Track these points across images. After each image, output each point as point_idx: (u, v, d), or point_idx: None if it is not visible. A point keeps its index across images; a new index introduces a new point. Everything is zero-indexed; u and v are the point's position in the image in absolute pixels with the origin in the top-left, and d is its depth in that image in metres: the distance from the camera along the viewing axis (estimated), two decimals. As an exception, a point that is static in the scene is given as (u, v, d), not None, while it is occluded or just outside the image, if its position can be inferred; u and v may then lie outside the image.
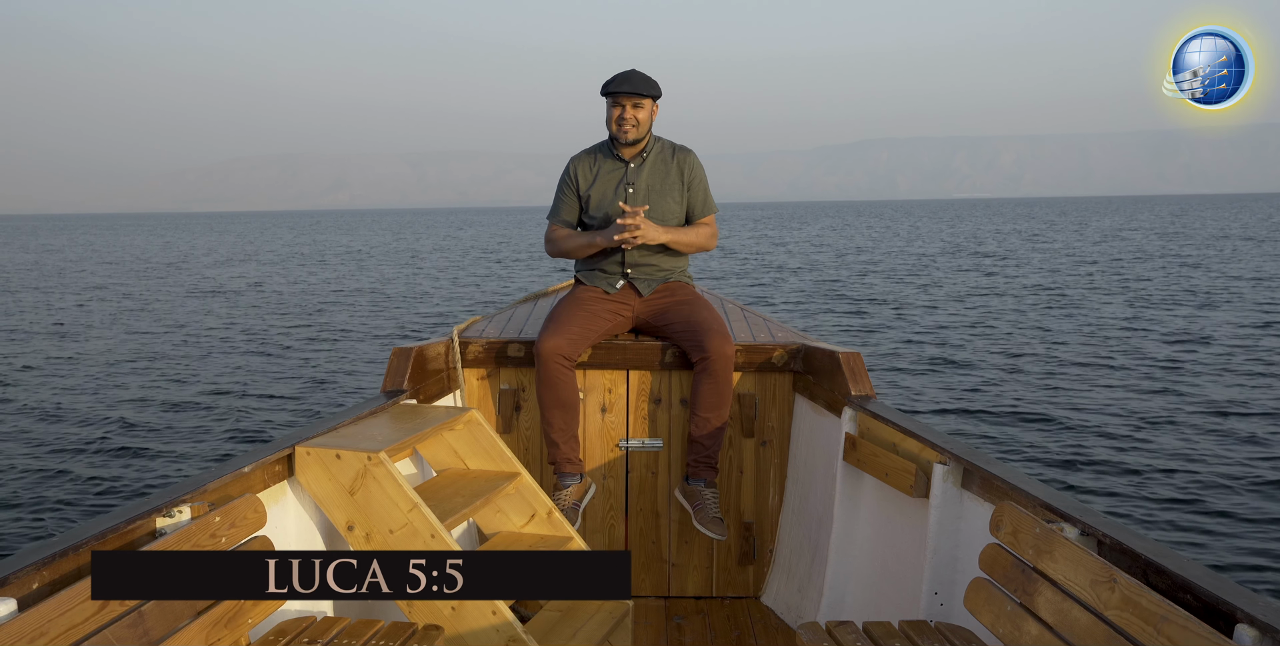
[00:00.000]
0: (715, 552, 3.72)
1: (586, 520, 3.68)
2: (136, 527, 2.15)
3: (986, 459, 2.59)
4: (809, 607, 3.34)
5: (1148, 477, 7.37)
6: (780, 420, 3.69)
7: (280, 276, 29.94)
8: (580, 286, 3.67)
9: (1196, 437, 8.45)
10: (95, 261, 40.65)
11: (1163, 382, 10.82)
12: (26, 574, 1.84)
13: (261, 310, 20.27)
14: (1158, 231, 51.11)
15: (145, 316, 19.51)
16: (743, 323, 4.01)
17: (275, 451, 2.65)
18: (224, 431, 9.40)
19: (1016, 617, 2.11)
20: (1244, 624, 1.62)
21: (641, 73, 3.49)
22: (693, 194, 3.62)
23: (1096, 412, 9.43)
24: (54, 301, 23.01)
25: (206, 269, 34.34)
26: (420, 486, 3.01)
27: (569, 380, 3.44)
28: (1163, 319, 16.18)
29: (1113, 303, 18.58)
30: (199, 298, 23.39)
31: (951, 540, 2.65)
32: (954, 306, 18.46)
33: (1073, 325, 15.61)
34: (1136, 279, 23.57)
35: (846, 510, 3.21)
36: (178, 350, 14.80)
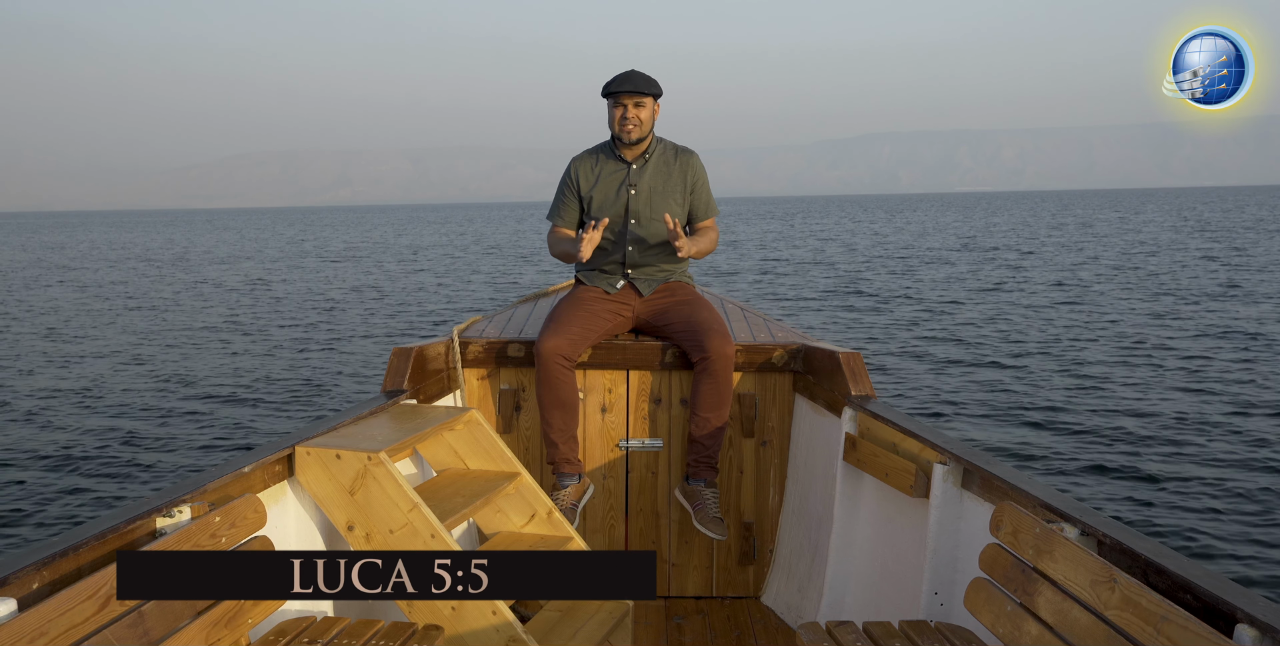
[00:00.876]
0: (715, 552, 3.72)
1: (587, 520, 3.68)
2: (136, 527, 2.15)
3: (987, 459, 2.59)
4: (809, 607, 3.34)
5: (1148, 478, 7.37)
6: (780, 420, 3.69)
7: (280, 275, 29.95)
8: (580, 286, 3.67)
9: (1202, 438, 8.45)
10: (96, 259, 40.67)
11: (1178, 382, 10.83)
12: (26, 574, 1.84)
13: (261, 310, 20.27)
14: (1170, 225, 51.14)
15: (145, 316, 19.51)
16: (743, 322, 4.01)
17: (275, 451, 2.66)
18: (224, 431, 9.40)
19: (1016, 617, 2.11)
20: (1244, 624, 1.62)
21: (642, 72, 3.50)
22: (696, 197, 3.62)
23: (1099, 414, 9.43)
24: (52, 299, 23.02)
25: (206, 267, 34.35)
26: (420, 486, 3.01)
27: (569, 380, 3.44)
28: (1186, 313, 16.19)
29: (1130, 299, 18.60)
30: (199, 297, 23.40)
31: (951, 540, 2.65)
32: (979, 306, 18.47)
33: (1085, 323, 15.62)
34: (1151, 273, 23.60)
35: (846, 510, 3.21)
36: (177, 350, 14.80)
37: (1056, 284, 22.24)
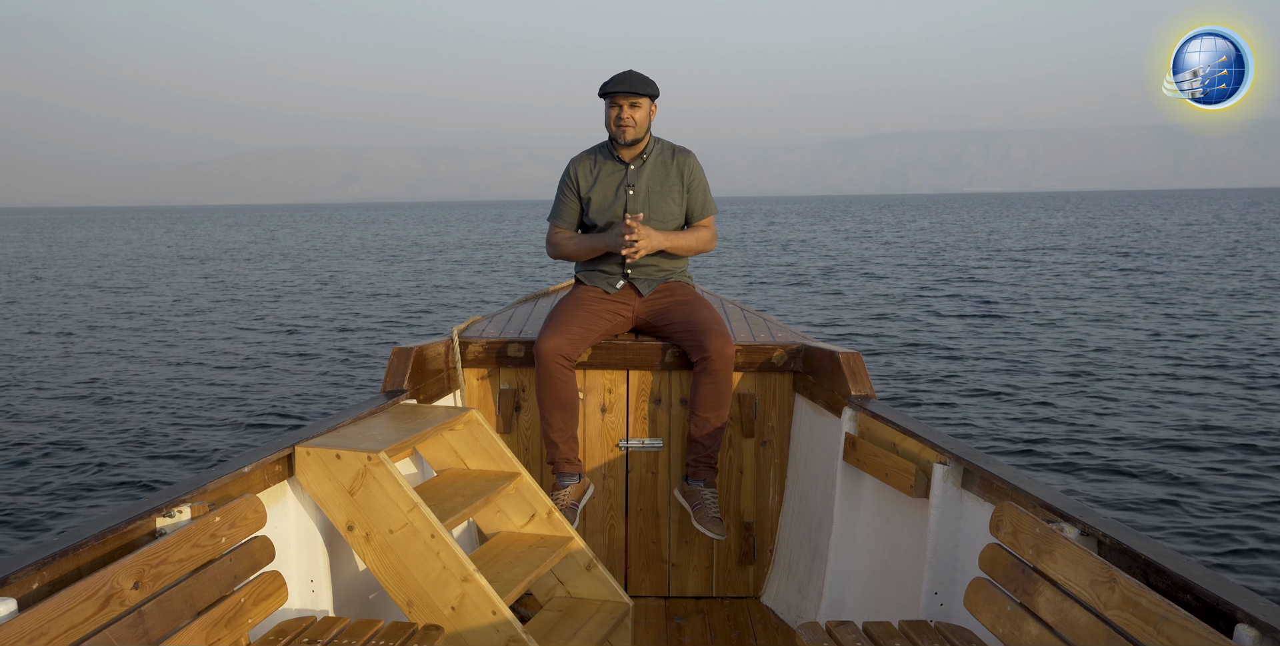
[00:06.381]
0: (715, 552, 3.72)
1: (586, 520, 3.68)
2: (136, 527, 2.15)
3: (986, 459, 2.59)
4: (809, 607, 3.34)
5: (1148, 478, 7.37)
6: (780, 420, 3.69)
7: (280, 275, 29.94)
8: (580, 286, 3.67)
9: (1202, 438, 8.45)
10: (96, 254, 40.67)
11: (1179, 381, 10.83)
12: (26, 574, 1.84)
13: (261, 309, 20.27)
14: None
15: (144, 316, 19.50)
16: (743, 323, 4.01)
17: (275, 451, 2.66)
18: (224, 431, 9.40)
19: (1016, 617, 2.11)
20: (1244, 624, 1.62)
21: (638, 72, 3.50)
22: (692, 196, 3.62)
23: (1099, 414, 9.43)
24: (45, 297, 23.01)
25: (206, 266, 34.33)
26: (420, 486, 3.01)
27: (569, 380, 3.44)
28: (1191, 320, 16.19)
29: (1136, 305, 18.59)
30: (199, 297, 23.39)
31: (951, 540, 2.65)
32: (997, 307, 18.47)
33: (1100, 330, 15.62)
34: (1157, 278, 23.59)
35: (846, 510, 3.21)
36: (177, 350, 14.80)
37: (1057, 285, 22.25)
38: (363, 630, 2.42)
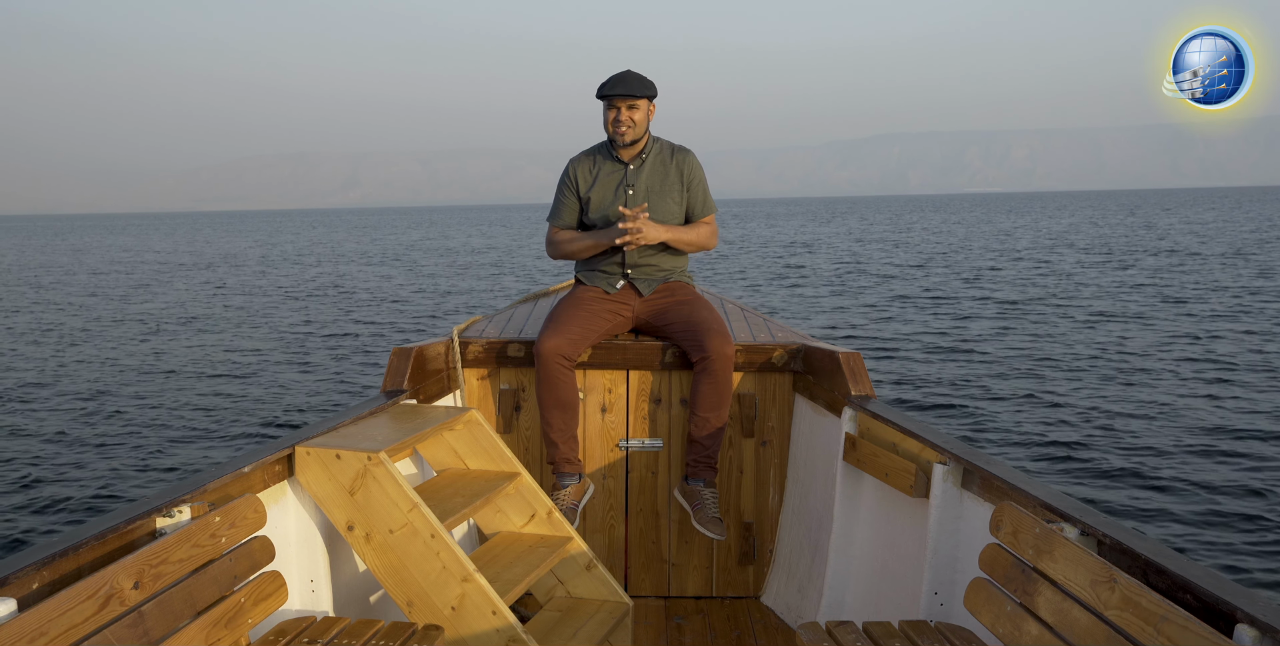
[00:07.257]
0: (715, 552, 3.72)
1: (586, 520, 3.68)
2: (136, 527, 2.15)
3: (987, 459, 2.59)
4: (809, 607, 3.34)
5: (1148, 478, 7.37)
6: (780, 420, 3.69)
7: (280, 275, 29.95)
8: (580, 286, 3.67)
9: (1203, 439, 8.45)
10: (100, 261, 40.69)
11: (1181, 382, 10.83)
12: (26, 574, 1.84)
13: (260, 310, 20.27)
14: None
15: (143, 316, 19.50)
16: (743, 323, 4.01)
17: (275, 451, 2.66)
18: (224, 431, 9.40)
19: (1016, 617, 2.11)
20: (1244, 624, 1.62)
21: (636, 73, 3.49)
22: (692, 194, 3.62)
23: (1099, 414, 9.43)
24: (52, 301, 23.02)
25: (206, 268, 34.36)
26: (420, 486, 3.01)
27: (569, 380, 3.44)
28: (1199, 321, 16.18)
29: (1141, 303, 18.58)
30: (198, 296, 23.39)
31: (951, 540, 2.65)
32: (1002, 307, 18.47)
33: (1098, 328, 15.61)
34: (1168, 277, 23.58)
35: (846, 510, 3.21)
36: (177, 349, 14.80)
37: (1058, 284, 22.24)
38: (363, 630, 2.42)
